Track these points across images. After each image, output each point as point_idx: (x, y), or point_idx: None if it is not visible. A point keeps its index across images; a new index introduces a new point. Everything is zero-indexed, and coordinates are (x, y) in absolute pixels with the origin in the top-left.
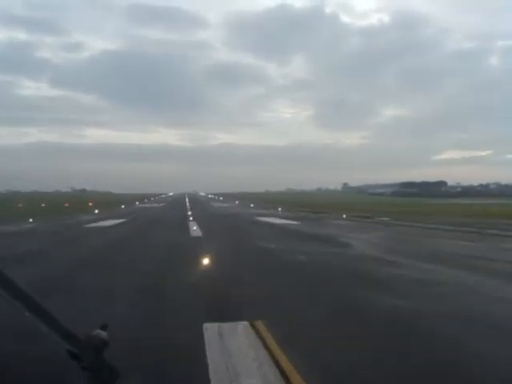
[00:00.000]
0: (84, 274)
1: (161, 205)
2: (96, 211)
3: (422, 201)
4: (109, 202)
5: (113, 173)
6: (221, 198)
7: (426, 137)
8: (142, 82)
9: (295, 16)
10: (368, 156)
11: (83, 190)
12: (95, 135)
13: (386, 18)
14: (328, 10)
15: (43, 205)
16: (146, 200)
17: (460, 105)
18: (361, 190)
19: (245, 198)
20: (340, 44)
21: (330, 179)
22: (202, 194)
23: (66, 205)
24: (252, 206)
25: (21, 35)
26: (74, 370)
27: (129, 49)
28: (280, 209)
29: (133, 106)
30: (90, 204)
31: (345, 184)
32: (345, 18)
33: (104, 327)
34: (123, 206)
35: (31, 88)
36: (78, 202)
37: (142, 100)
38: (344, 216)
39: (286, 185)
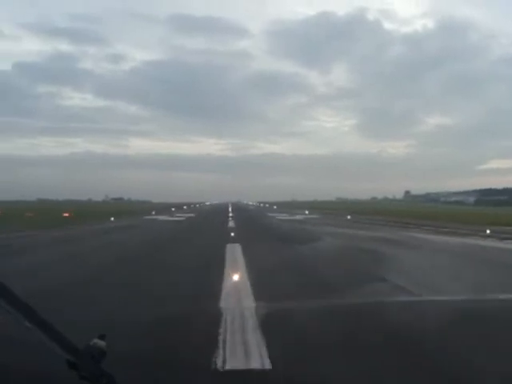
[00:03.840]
0: None
1: (182, 218)
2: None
3: None
4: (116, 212)
5: (154, 182)
6: (275, 207)
7: (473, 145)
8: (184, 91)
9: (337, 23)
10: (417, 165)
11: (119, 199)
12: (138, 145)
13: (430, 24)
14: (370, 17)
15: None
16: (173, 209)
17: (508, 112)
18: (431, 199)
19: (303, 207)
20: (383, 51)
21: (380, 188)
22: (248, 202)
23: (66, 214)
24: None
25: (64, 46)
26: (72, 379)
27: (170, 59)
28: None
29: (175, 116)
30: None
31: (407, 192)
32: (388, 25)
33: (102, 337)
34: (112, 219)
35: (75, 99)
36: (82, 211)
37: (184, 110)
38: None
39: (334, 194)
